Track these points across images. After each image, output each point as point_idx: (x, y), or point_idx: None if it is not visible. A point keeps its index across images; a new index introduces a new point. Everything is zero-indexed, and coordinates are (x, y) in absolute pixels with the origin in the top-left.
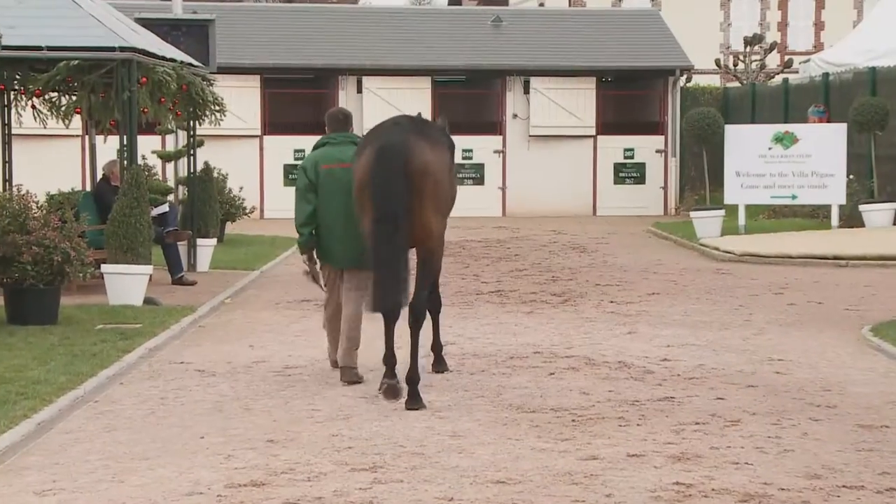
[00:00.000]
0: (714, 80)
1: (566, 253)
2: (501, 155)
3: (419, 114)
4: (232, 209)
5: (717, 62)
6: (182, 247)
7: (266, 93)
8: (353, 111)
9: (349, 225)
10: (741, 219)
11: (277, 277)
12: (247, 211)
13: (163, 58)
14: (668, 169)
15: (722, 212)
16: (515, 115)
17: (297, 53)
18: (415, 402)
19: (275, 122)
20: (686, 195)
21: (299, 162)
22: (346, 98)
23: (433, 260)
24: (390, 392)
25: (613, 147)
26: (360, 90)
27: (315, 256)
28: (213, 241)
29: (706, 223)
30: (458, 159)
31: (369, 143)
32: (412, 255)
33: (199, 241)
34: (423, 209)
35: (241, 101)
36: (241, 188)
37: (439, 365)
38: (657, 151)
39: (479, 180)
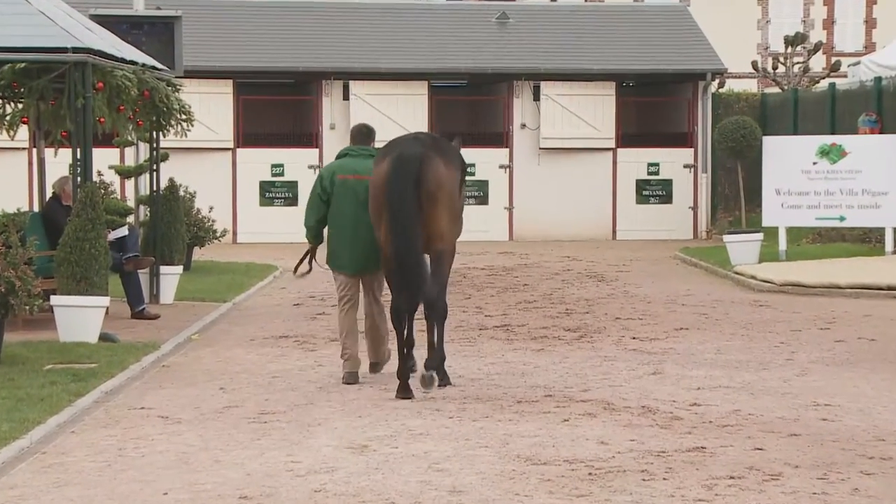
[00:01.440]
0: (751, 86)
1: (582, 282)
2: (508, 170)
3: (438, 132)
4: (200, 232)
5: (754, 65)
6: (143, 275)
7: (240, 99)
8: (339, 121)
9: (358, 232)
10: (782, 243)
11: (252, 310)
12: (217, 234)
13: (122, 60)
14: (697, 186)
15: (760, 235)
16: (524, 125)
17: (276, 55)
18: (430, 382)
19: (250, 133)
20: (718, 216)
21: (277, 179)
22: (330, 105)
23: (445, 260)
24: (402, 392)
25: (635, 161)
26: (346, 96)
27: (318, 262)
28: (179, 268)
29: (742, 248)
30: None
31: (388, 153)
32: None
33: (163, 269)
34: (436, 215)
35: (211, 108)
36: (212, 208)
37: (442, 379)
38: (685, 166)
39: (483, 199)
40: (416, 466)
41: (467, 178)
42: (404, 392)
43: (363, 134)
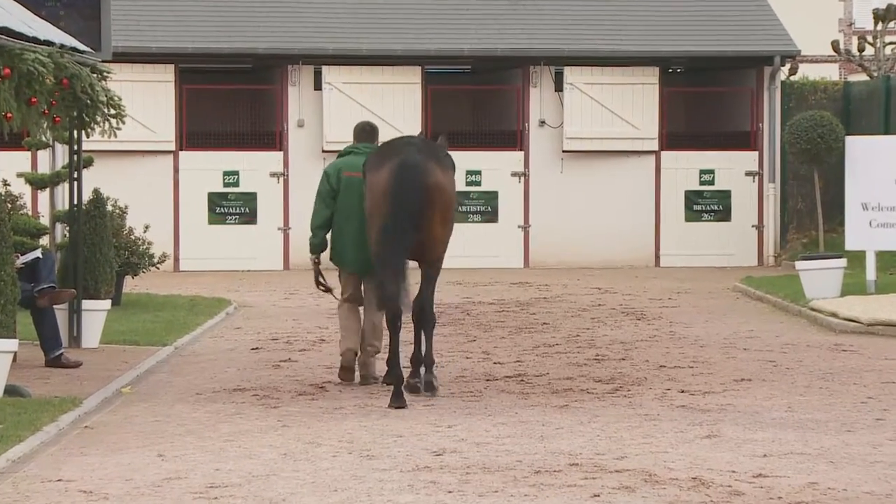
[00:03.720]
0: (830, 72)
1: (616, 321)
2: (522, 179)
3: (421, 133)
4: (133, 258)
5: (835, 46)
6: (61, 312)
7: (183, 90)
8: (309, 116)
9: (363, 230)
10: (870, 272)
11: (199, 356)
12: (155, 260)
13: (34, 40)
14: (763, 199)
15: (842, 262)
16: (543, 122)
17: (228, 33)
18: (430, 386)
19: (196, 133)
20: (790, 238)
21: (230, 190)
22: (299, 96)
23: (437, 265)
24: (395, 399)
25: (685, 168)
26: (318, 86)
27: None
28: (107, 303)
29: (819, 278)
30: (460, 186)
31: (386, 159)
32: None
33: (86, 305)
34: (433, 222)
35: (147, 101)
36: (147, 227)
37: (429, 385)
38: (748, 174)
39: (491, 215)
40: None
41: (471, 189)
42: (397, 400)
43: (367, 132)
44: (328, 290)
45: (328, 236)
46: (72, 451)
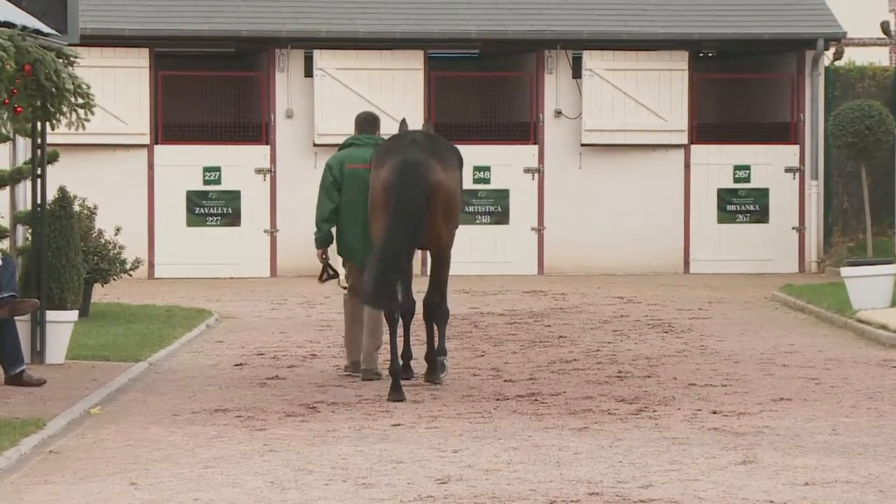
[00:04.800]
0: (880, 56)
1: (641, 333)
2: (537, 176)
3: (427, 124)
4: (103, 264)
5: (885, 27)
6: (23, 324)
7: (159, 77)
8: (299, 106)
9: (369, 222)
10: None
11: (177, 373)
12: (127, 266)
13: None
14: (805, 198)
15: (893, 268)
16: (559, 113)
17: (209, 14)
18: (433, 375)
19: (173, 124)
20: (835, 241)
21: (211, 188)
22: (287, 83)
23: (443, 261)
24: (394, 392)
25: (717, 163)
26: (309, 72)
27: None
28: (74, 314)
29: (867, 286)
30: (467, 184)
31: (389, 157)
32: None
33: (51, 316)
34: (434, 219)
35: (119, 89)
36: (119, 230)
37: (433, 374)
38: (788, 170)
39: (501, 216)
40: None
41: (479, 187)
42: (396, 394)
43: (368, 122)
44: (334, 274)
45: (333, 230)
46: (35, 478)
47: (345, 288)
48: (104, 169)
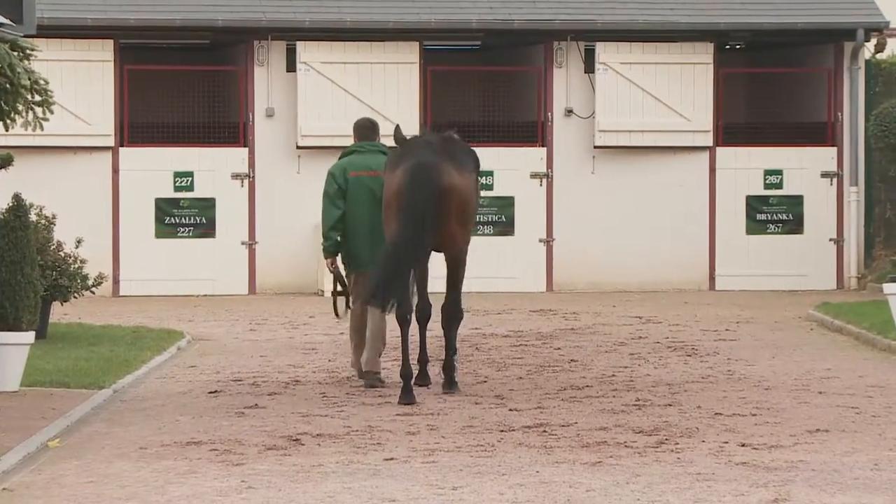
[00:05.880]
0: None
1: (661, 357)
2: (545, 181)
3: (450, 132)
4: (63, 279)
5: None
6: None
7: (125, 71)
8: (281, 104)
9: (376, 230)
10: None
11: (145, 401)
12: (90, 283)
13: None
14: (843, 207)
15: None
16: (570, 111)
17: (180, 2)
18: (452, 386)
19: (141, 125)
20: (876, 254)
21: (183, 195)
22: (268, 78)
23: (458, 264)
24: (405, 395)
25: (745, 168)
26: (292, 66)
27: (339, 267)
28: (29, 336)
29: None
30: None
31: (403, 160)
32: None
33: (5, 337)
34: (448, 221)
35: (80, 85)
36: (80, 242)
37: (451, 385)
38: (824, 175)
39: (506, 227)
40: None
41: (481, 194)
42: (407, 397)
43: (369, 129)
44: (344, 290)
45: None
46: None
47: (341, 316)
48: (64, 174)
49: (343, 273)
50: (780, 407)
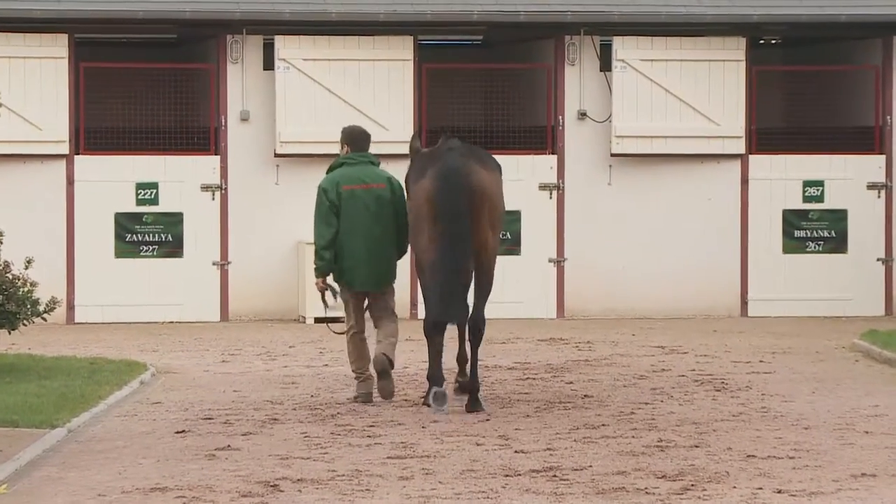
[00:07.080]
0: None
1: (686, 392)
2: (556, 194)
3: (467, 142)
4: (10, 304)
5: None
6: None
7: (81, 69)
8: (257, 106)
9: (373, 246)
10: None
11: (104, 442)
12: (41, 308)
13: None
14: (892, 222)
15: None
16: (583, 114)
17: None
18: (475, 404)
19: (98, 129)
20: None
21: (146, 209)
22: (243, 76)
23: (488, 272)
24: (439, 398)
25: (782, 178)
26: (270, 64)
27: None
28: None
29: None
30: None
31: (429, 166)
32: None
33: None
34: (480, 223)
35: (30, 85)
36: (30, 262)
37: (475, 403)
38: (871, 187)
39: (511, 245)
40: None
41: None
42: (440, 401)
43: (363, 139)
44: (335, 303)
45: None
46: None
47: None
48: (11, 185)
49: (337, 288)
50: (820, 449)
